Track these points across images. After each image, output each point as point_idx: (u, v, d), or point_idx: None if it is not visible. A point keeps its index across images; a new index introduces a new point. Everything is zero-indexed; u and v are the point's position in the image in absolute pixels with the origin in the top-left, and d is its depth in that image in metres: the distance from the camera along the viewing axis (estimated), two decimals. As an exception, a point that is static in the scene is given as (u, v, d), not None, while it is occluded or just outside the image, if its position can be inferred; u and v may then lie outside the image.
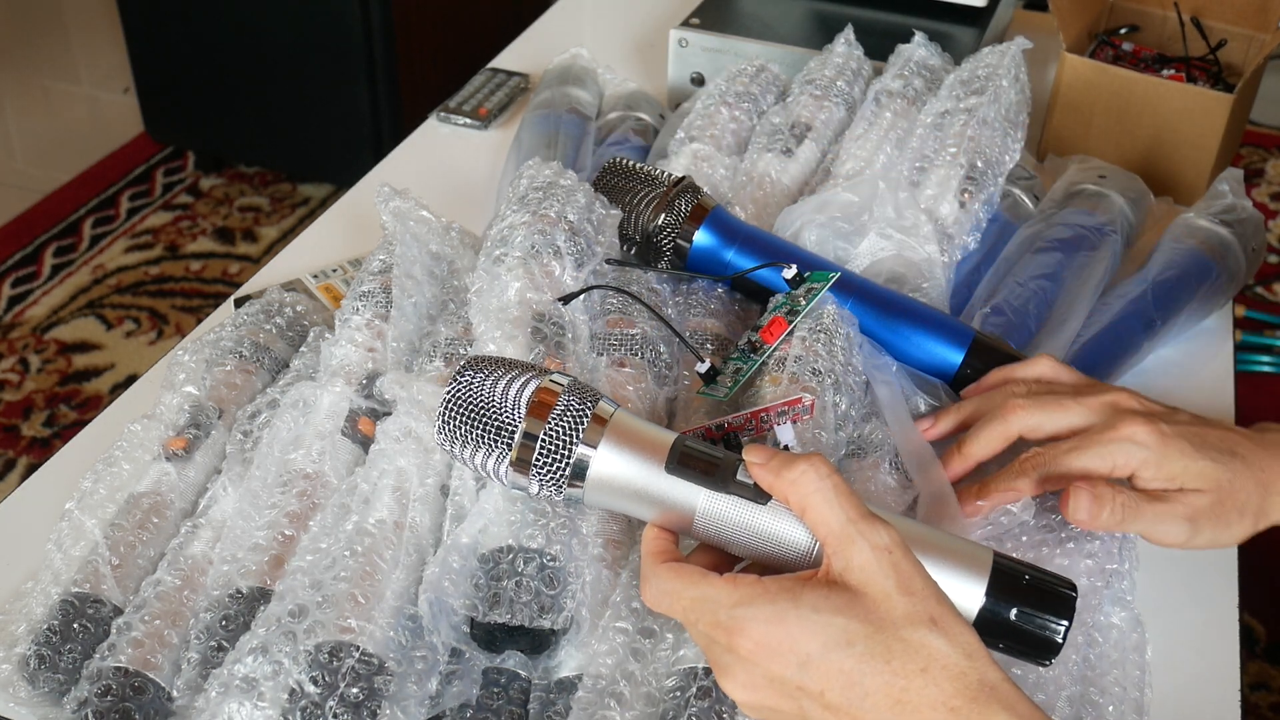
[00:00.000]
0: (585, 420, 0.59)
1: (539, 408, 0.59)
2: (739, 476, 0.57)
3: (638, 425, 0.60)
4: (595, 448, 0.59)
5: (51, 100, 3.01)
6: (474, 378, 0.60)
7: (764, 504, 0.57)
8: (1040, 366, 0.77)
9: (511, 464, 0.59)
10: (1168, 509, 0.68)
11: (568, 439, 0.59)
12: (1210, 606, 0.75)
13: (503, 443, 0.59)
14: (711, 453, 0.59)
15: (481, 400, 0.60)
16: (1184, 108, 1.09)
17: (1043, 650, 0.57)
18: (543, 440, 0.59)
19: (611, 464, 0.59)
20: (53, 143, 2.84)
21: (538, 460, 0.59)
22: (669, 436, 0.59)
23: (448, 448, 0.61)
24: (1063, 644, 0.56)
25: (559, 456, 0.59)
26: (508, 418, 0.59)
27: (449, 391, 0.60)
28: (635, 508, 0.59)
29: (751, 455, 0.57)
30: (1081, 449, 0.69)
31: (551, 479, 0.59)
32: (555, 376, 0.60)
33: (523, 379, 0.60)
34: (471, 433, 0.60)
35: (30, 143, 2.87)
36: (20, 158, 2.82)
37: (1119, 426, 0.69)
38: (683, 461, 0.58)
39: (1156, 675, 0.71)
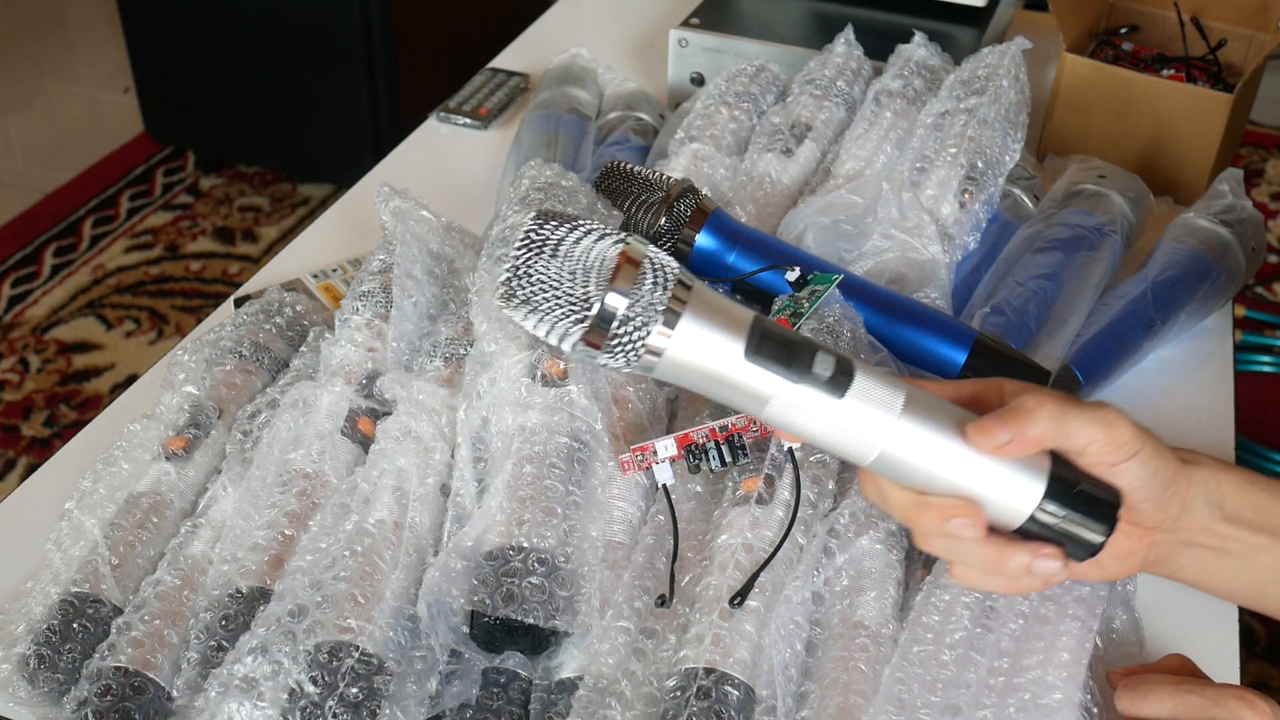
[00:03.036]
0: (668, 293, 0.54)
1: (620, 274, 0.54)
2: (815, 368, 0.56)
3: (718, 301, 0.56)
4: (674, 327, 0.54)
5: (51, 100, 3.01)
6: (550, 233, 0.54)
7: (840, 397, 0.56)
8: None
9: (583, 336, 0.54)
10: (1097, 404, 0.62)
11: (648, 315, 0.54)
12: (1210, 606, 0.75)
13: (578, 313, 0.54)
14: (790, 338, 0.56)
15: (556, 263, 0.54)
16: (1184, 108, 1.09)
17: (1086, 549, 0.61)
18: (624, 313, 0.54)
19: (689, 343, 0.55)
20: (53, 143, 2.84)
21: (616, 333, 0.54)
22: (747, 315, 0.56)
23: (511, 312, 0.55)
24: (1102, 545, 0.60)
25: (638, 332, 0.54)
26: (584, 287, 0.54)
27: (520, 250, 0.54)
28: (708, 388, 0.57)
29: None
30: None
31: (625, 353, 0.54)
32: (634, 241, 0.55)
33: (602, 241, 0.55)
34: (545, 300, 0.54)
35: (30, 143, 2.87)
36: (20, 158, 2.82)
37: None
38: (761, 347, 0.55)
39: (1157, 675, 0.71)
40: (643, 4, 1.49)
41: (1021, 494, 0.59)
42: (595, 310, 0.54)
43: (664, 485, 0.70)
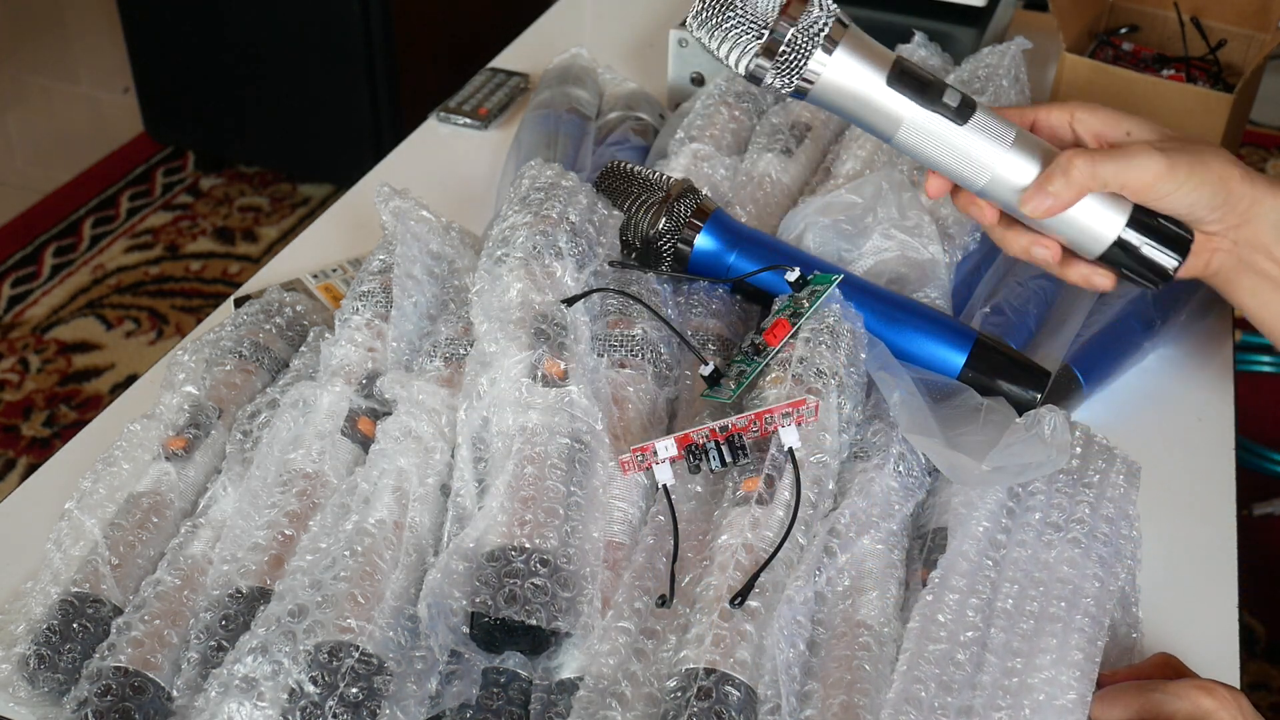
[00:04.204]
0: (829, 25, 0.69)
1: (791, 7, 0.68)
2: (944, 99, 0.70)
3: (868, 40, 0.70)
4: (831, 54, 0.69)
5: (51, 100, 3.01)
6: None
7: (961, 125, 0.70)
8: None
9: (757, 54, 0.69)
10: (1130, 147, 0.72)
11: (812, 40, 0.68)
12: (1210, 606, 0.75)
13: (756, 33, 0.68)
14: (925, 76, 0.70)
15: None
16: (1184, 108, 1.09)
17: (1160, 275, 0.74)
18: (790, 38, 0.68)
19: (842, 70, 0.70)
20: (53, 143, 2.84)
21: (782, 54, 0.69)
22: (891, 54, 0.71)
23: (696, 34, 0.70)
24: (1176, 270, 0.74)
25: (801, 53, 0.69)
26: (762, 13, 0.68)
27: None
28: (851, 110, 0.71)
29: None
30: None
31: (789, 72, 0.69)
32: None
33: None
34: (729, 20, 0.69)
35: (30, 143, 2.87)
36: (20, 158, 2.82)
37: None
38: (900, 79, 0.70)
39: (1157, 675, 0.71)
40: (643, 4, 1.49)
41: (1106, 222, 0.73)
42: (769, 32, 0.68)
43: (664, 485, 0.70)
